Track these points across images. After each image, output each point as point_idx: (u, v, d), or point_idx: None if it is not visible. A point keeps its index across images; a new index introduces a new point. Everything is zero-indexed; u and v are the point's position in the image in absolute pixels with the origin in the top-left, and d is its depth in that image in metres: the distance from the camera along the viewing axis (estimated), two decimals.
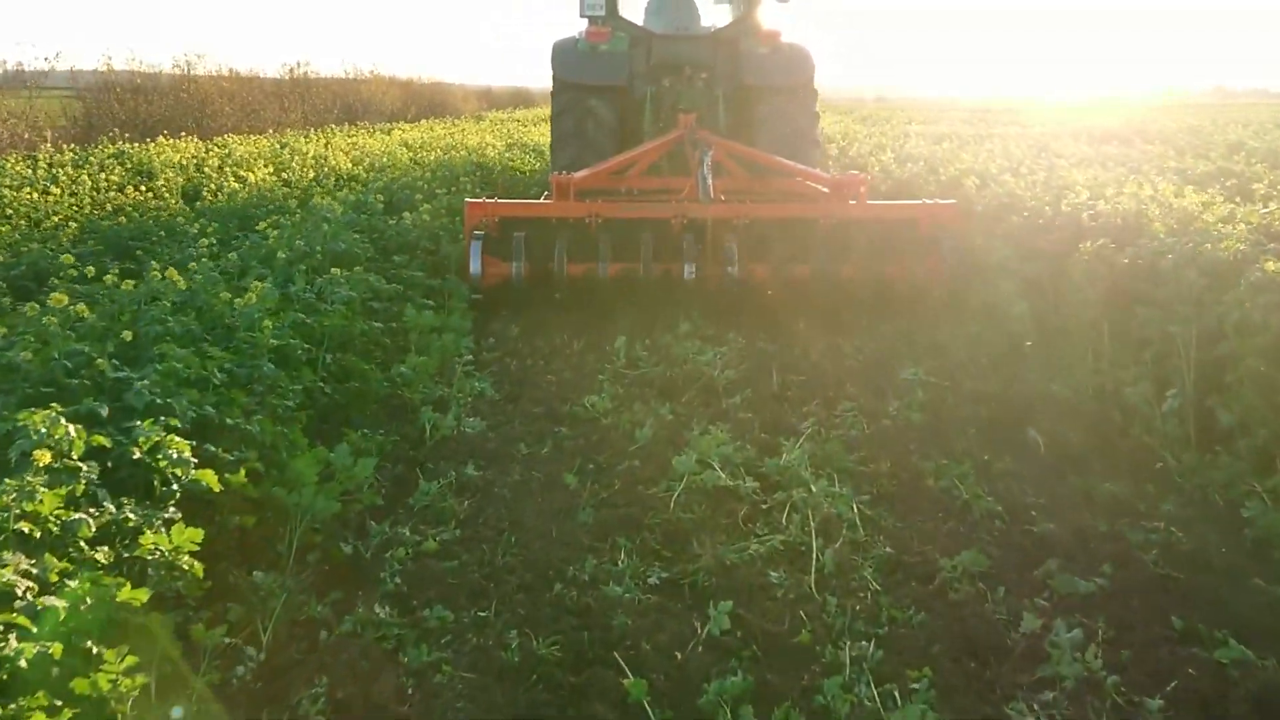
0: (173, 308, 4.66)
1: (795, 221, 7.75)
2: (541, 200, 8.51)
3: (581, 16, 10.15)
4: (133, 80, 24.90)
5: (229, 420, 3.75)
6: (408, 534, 3.98)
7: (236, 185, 9.40)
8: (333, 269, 5.70)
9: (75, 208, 9.13)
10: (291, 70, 33.21)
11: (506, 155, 16.17)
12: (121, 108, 24.16)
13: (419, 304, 6.66)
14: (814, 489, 4.30)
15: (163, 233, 7.63)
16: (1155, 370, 5.23)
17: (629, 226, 7.59)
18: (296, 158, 13.09)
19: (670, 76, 10.06)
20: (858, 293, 7.53)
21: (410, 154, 15.24)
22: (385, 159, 14.04)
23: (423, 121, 32.80)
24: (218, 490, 3.32)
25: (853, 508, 4.21)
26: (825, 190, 8.19)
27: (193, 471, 3.27)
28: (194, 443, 3.49)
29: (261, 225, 6.91)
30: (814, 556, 3.78)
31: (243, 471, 3.52)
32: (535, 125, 28.18)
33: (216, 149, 14.09)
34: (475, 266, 7.38)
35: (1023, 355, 6.49)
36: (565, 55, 10.19)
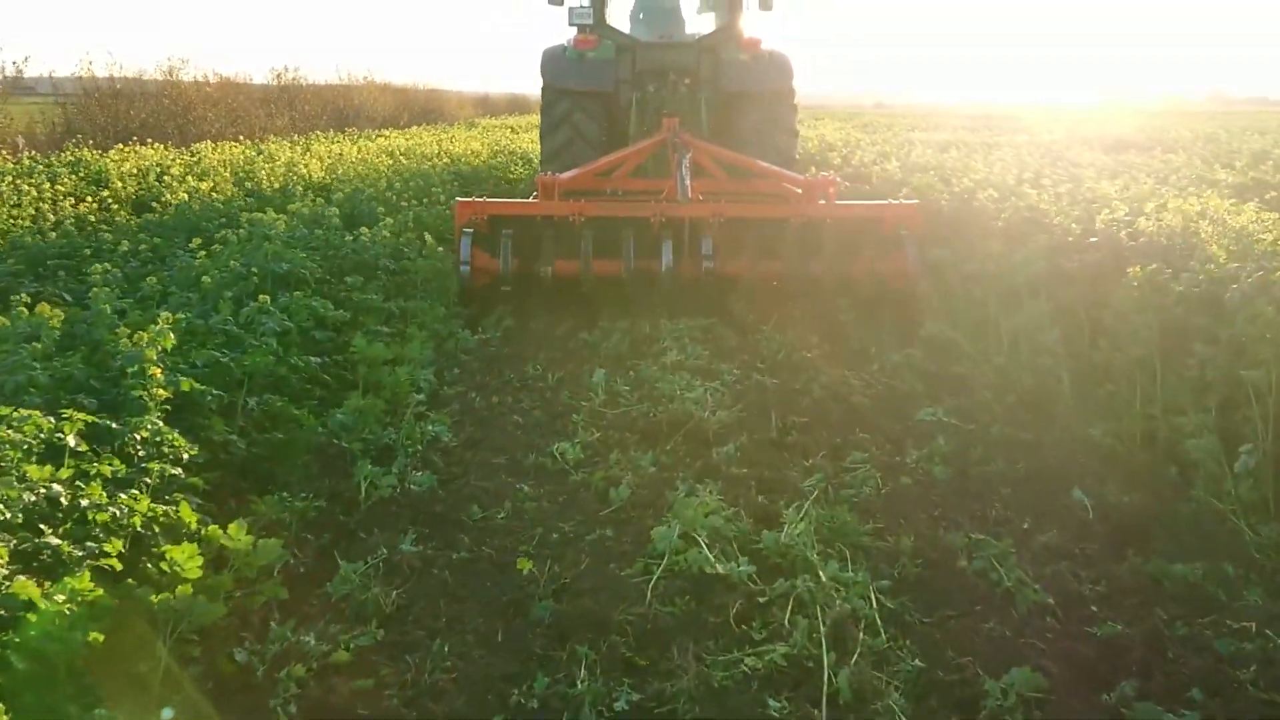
0: (45, 350, 3.87)
1: (768, 220, 7.99)
2: (529, 200, 8.62)
3: (570, 25, 10.36)
4: (113, 85, 24.20)
5: (84, 501, 2.96)
6: (313, 642, 3.17)
7: (185, 196, 8.61)
8: (262, 295, 4.89)
9: (12, 220, 8.36)
10: (279, 75, 32.50)
11: (491, 163, 15.39)
12: (103, 113, 23.55)
13: (372, 332, 5.87)
14: (823, 576, 3.51)
15: (89, 250, 6.82)
16: (1221, 420, 4.45)
17: (611, 225, 7.79)
18: (267, 166, 12.31)
19: (655, 82, 10.25)
20: (828, 286, 7.82)
21: (391, 162, 14.47)
22: (362, 167, 13.27)
23: (413, 128, 31.99)
24: (42, 605, 2.54)
25: (871, 600, 3.42)
26: (798, 191, 8.36)
27: (7, 584, 2.48)
28: (27, 537, 2.71)
29: (195, 243, 6.11)
30: (825, 676, 2.99)
31: (87, 574, 2.73)
32: (527, 132, 27.42)
33: (185, 156, 13.30)
34: (464, 261, 7.62)
35: (1057, 394, 5.70)
36: (554, 62, 10.42)
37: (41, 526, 2.88)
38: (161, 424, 3.53)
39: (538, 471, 4.71)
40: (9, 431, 2.93)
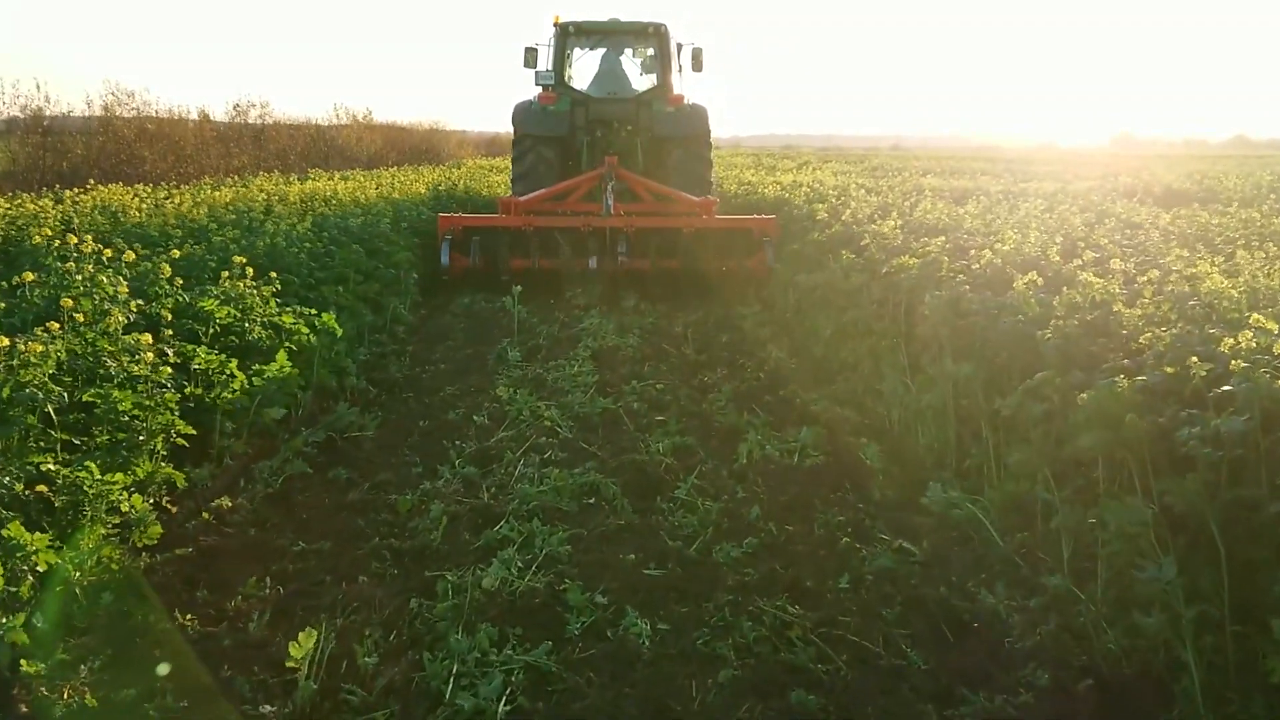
0: None
1: (666, 229, 10.61)
2: (494, 215, 11.47)
3: (536, 85, 13.36)
4: (39, 123, 22.00)
5: None
6: None
7: None
8: None
9: None
10: (240, 110, 29.92)
11: (412, 211, 12.62)
12: (25, 153, 21.58)
13: None
14: None
15: None
16: None
17: (552, 233, 10.61)
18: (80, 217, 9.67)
19: (602, 129, 13.23)
20: (711, 275, 10.42)
21: (295, 206, 11.74)
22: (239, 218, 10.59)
23: (382, 169, 29.10)
24: None
25: None
26: (696, 209, 11.06)
27: None
28: None
29: None
30: None
31: None
32: (500, 173, 24.89)
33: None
34: (445, 259, 10.45)
35: (1176, 698, 2.95)
36: (522, 113, 13.36)
37: None
38: None
39: None
40: None
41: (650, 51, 13.96)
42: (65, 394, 4.28)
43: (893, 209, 10.38)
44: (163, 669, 3.17)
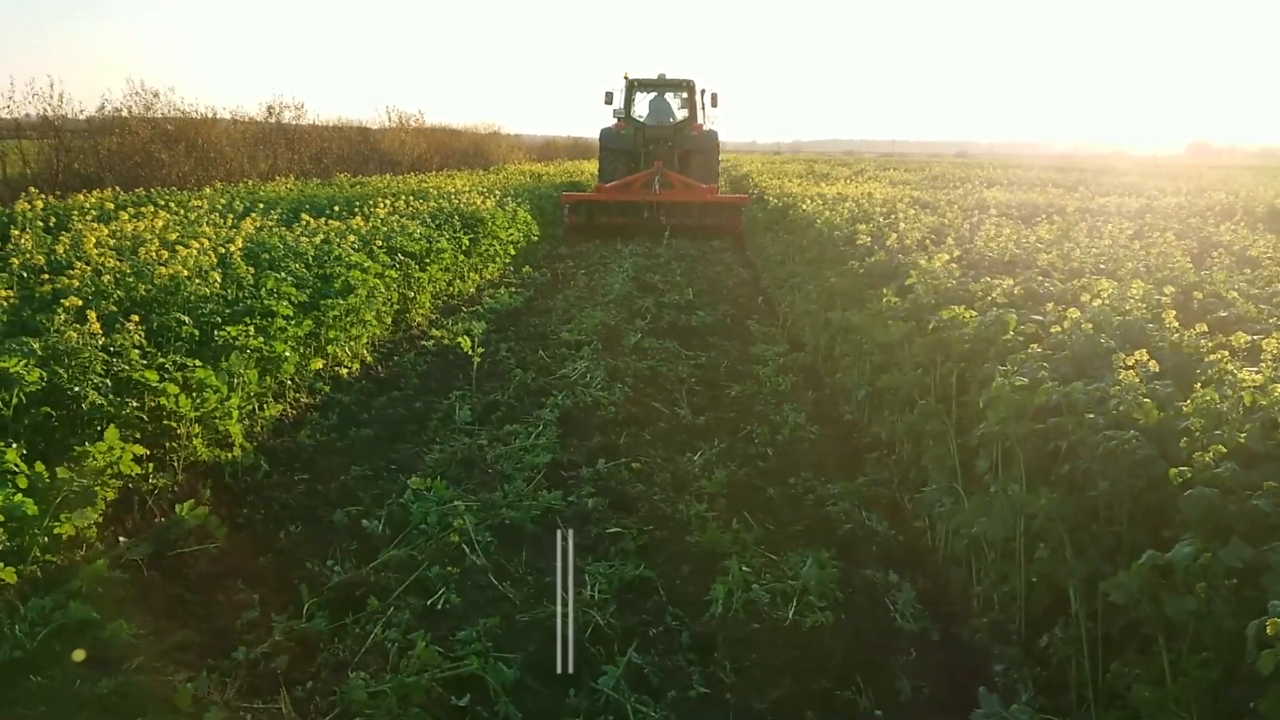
0: None
1: (688, 203, 18.73)
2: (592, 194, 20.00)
3: (613, 117, 21.67)
4: (49, 124, 20.99)
5: None
6: None
7: None
8: None
9: None
10: (272, 111, 28.73)
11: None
12: (39, 156, 20.66)
13: None
14: None
15: None
16: None
17: (624, 204, 18.84)
18: None
19: (653, 144, 20.96)
20: (711, 228, 18.69)
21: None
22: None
23: (398, 175, 27.49)
24: None
25: None
26: (704, 192, 19.32)
27: None
28: None
29: None
30: None
31: None
32: (525, 177, 23.45)
33: None
34: (566, 219, 18.59)
35: None
36: (606, 135, 21.54)
37: None
38: None
39: None
40: None
41: (684, 95, 22.52)
42: None
43: (949, 231, 8.61)
44: None
